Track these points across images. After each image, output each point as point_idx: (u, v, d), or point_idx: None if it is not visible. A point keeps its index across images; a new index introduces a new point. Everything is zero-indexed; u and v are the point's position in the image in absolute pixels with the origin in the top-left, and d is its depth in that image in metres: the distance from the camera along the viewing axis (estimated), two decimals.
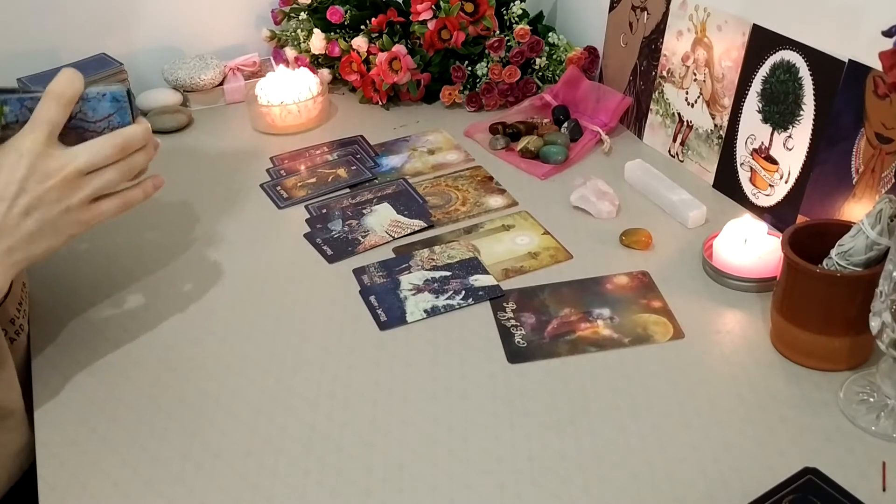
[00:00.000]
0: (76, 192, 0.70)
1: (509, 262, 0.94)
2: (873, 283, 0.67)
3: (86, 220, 0.72)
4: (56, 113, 0.69)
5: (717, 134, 1.05)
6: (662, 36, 1.13)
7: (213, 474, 0.70)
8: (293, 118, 1.27)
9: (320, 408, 0.76)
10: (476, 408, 0.75)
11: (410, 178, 1.13)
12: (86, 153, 0.70)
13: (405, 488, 0.68)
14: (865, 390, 0.72)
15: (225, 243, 1.01)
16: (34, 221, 0.69)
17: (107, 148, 0.71)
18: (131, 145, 0.72)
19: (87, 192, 0.70)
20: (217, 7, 1.45)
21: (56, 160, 0.69)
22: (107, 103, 0.73)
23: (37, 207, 0.68)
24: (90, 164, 0.70)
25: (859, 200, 0.85)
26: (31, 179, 0.68)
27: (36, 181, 0.68)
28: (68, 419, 0.76)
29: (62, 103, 0.69)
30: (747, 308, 0.85)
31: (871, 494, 0.64)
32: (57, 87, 0.69)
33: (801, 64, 0.91)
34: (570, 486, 0.67)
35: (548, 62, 1.32)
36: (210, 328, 0.87)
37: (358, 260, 0.96)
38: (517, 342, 0.82)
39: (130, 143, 0.72)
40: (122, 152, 0.72)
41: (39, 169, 0.68)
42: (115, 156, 0.71)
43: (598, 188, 1.02)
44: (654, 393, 0.75)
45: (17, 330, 0.83)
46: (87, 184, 0.70)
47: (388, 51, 1.28)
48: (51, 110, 0.69)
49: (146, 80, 1.39)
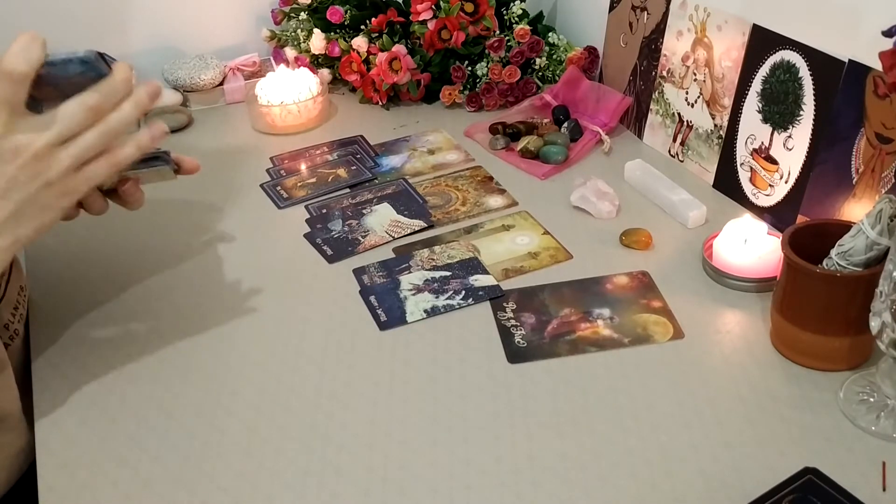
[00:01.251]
0: (52, 165, 0.64)
1: (509, 262, 0.94)
2: (873, 283, 0.67)
3: (73, 188, 0.66)
4: (9, 91, 0.63)
5: (717, 134, 1.05)
6: (662, 36, 1.13)
7: (213, 474, 0.70)
8: (293, 118, 1.27)
9: (320, 408, 0.76)
10: (476, 408, 0.75)
11: (410, 178, 1.13)
12: (56, 124, 0.64)
13: (405, 488, 0.68)
14: (865, 390, 0.72)
15: (225, 243, 1.01)
16: (12, 203, 0.64)
17: (78, 112, 0.64)
18: (108, 100, 0.66)
19: (66, 163, 0.65)
20: (217, 7, 1.45)
21: (22, 136, 0.63)
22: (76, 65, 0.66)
23: (11, 189, 0.64)
24: (61, 135, 0.64)
25: (859, 200, 0.85)
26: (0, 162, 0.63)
27: (5, 162, 0.63)
28: (68, 419, 0.76)
29: (15, 79, 0.63)
30: (747, 308, 0.85)
31: (871, 494, 0.64)
32: (7, 64, 0.63)
33: (801, 64, 0.91)
34: (570, 486, 0.67)
35: (548, 62, 1.32)
36: (210, 328, 0.87)
37: (358, 260, 0.96)
38: (517, 342, 0.82)
39: (106, 98, 0.65)
40: (97, 113, 0.65)
41: (4, 149, 0.63)
42: (91, 118, 0.65)
43: (598, 188, 1.02)
44: (654, 393, 0.75)
45: (12, 335, 0.82)
46: (63, 154, 0.64)
47: (388, 51, 1.28)
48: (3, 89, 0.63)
49: (146, 80, 1.39)
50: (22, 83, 0.63)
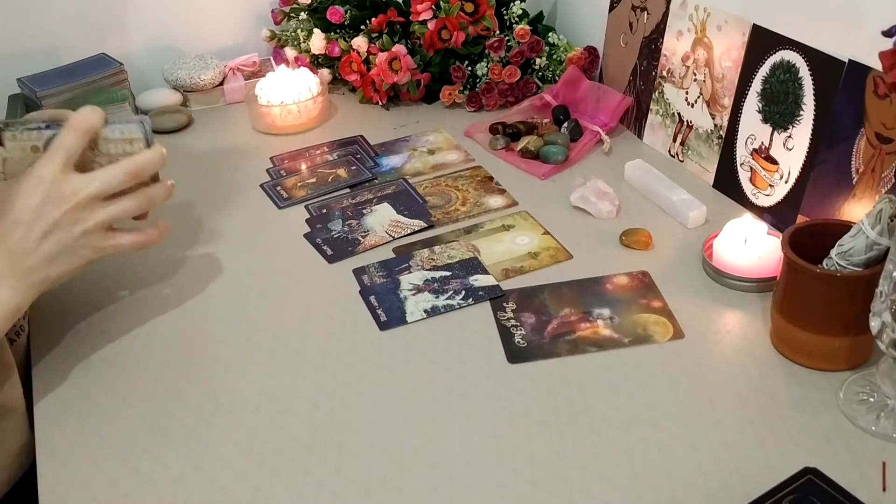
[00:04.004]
0: (91, 216, 0.72)
1: (509, 262, 0.94)
2: (873, 283, 0.67)
3: (101, 246, 0.74)
4: (73, 142, 0.72)
5: (717, 134, 1.05)
6: (662, 36, 1.13)
7: (213, 474, 0.70)
8: (293, 118, 1.27)
9: (320, 407, 0.76)
10: (476, 408, 0.75)
11: (410, 178, 1.13)
12: (99, 179, 0.73)
13: (405, 488, 0.68)
14: (865, 390, 0.72)
15: (225, 243, 1.01)
16: (51, 244, 0.72)
17: (119, 174, 0.74)
18: (144, 170, 0.75)
19: (102, 217, 0.73)
20: (217, 7, 1.45)
21: (71, 185, 0.72)
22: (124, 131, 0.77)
23: (53, 231, 0.71)
24: (102, 191, 0.73)
25: (859, 200, 0.85)
26: (47, 204, 0.71)
27: (52, 206, 0.71)
28: (68, 419, 0.76)
29: (80, 133, 0.73)
30: (747, 308, 0.85)
31: (871, 494, 0.64)
32: (76, 119, 0.73)
33: (801, 64, 0.91)
34: (570, 486, 0.67)
35: (548, 62, 1.32)
36: (210, 328, 0.87)
37: (358, 260, 0.96)
38: (517, 342, 0.82)
39: (143, 168, 0.75)
40: (134, 178, 0.74)
41: (55, 194, 0.71)
42: (128, 181, 0.74)
43: (598, 188, 1.02)
44: (654, 393, 0.75)
45: (17, 331, 0.84)
46: (101, 209, 0.73)
47: (388, 51, 1.28)
48: (67, 139, 0.72)
49: (146, 80, 1.39)
50: (83, 137, 0.73)
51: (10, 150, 0.77)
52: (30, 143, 0.77)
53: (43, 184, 0.71)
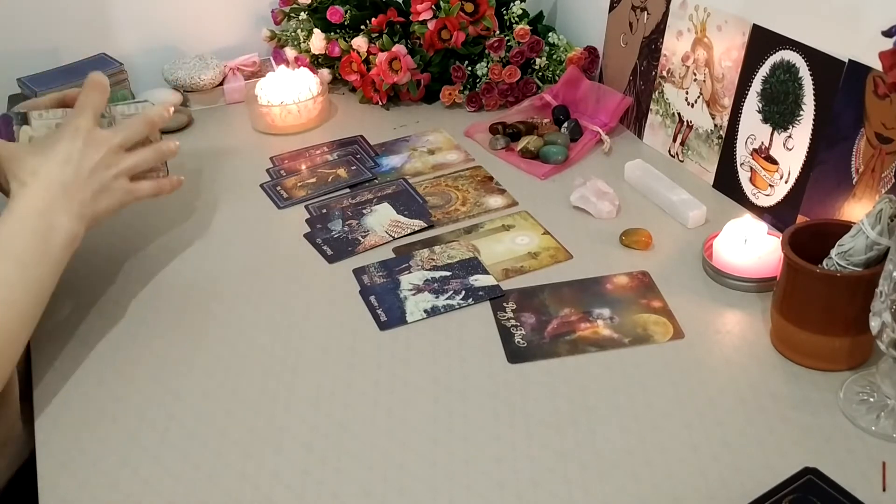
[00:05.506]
0: (121, 161, 0.83)
1: (509, 262, 0.94)
2: (873, 283, 0.67)
3: (130, 188, 0.85)
4: (97, 98, 0.83)
5: (717, 134, 1.05)
6: (662, 36, 1.13)
7: (213, 474, 0.70)
8: (293, 118, 1.27)
9: (320, 408, 0.76)
10: (476, 408, 0.75)
11: (410, 178, 1.13)
12: (122, 131, 0.84)
13: (405, 488, 0.68)
14: (865, 390, 0.72)
15: (225, 243, 1.01)
16: (95, 181, 0.81)
17: (138, 126, 0.86)
18: (157, 121, 0.88)
19: (129, 163, 0.84)
20: (217, 7, 1.45)
21: (102, 134, 0.83)
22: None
23: (96, 171, 0.81)
24: (127, 139, 0.84)
25: (859, 200, 0.85)
26: (89, 147, 0.81)
27: (93, 149, 0.81)
28: (68, 419, 0.76)
29: (101, 90, 0.84)
30: (747, 308, 0.85)
31: (871, 494, 0.64)
32: (95, 78, 0.84)
33: (801, 64, 0.91)
34: (570, 486, 0.67)
35: (548, 62, 1.32)
36: (210, 328, 0.87)
37: (358, 260, 0.96)
38: (517, 342, 0.82)
39: (156, 119, 0.88)
40: (151, 128, 0.87)
41: (92, 141, 0.81)
42: (146, 132, 0.87)
43: (598, 188, 1.02)
44: (654, 393, 0.75)
45: None
46: (128, 156, 0.84)
47: (388, 51, 1.28)
48: (92, 95, 0.83)
49: (146, 80, 1.39)
50: (104, 94, 0.84)
51: (37, 129, 0.86)
52: (55, 120, 0.86)
53: (81, 132, 0.81)
